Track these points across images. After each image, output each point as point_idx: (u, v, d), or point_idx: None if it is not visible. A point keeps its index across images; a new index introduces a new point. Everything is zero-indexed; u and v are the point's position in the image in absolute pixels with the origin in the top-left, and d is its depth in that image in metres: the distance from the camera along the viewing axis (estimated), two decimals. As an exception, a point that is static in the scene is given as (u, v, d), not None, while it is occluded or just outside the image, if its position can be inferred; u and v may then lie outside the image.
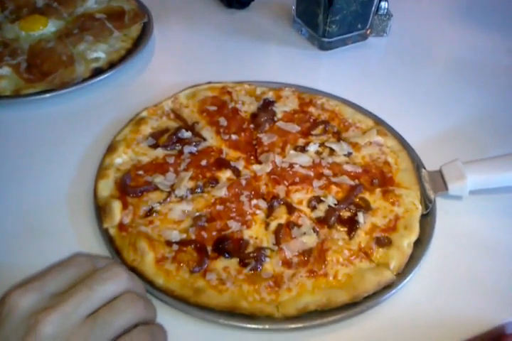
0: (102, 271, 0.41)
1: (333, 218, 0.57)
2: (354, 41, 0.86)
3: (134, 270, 0.51)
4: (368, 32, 0.85)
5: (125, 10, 0.86)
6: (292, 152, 0.65)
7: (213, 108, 0.71)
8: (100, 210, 0.57)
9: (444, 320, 0.51)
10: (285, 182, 0.61)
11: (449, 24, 0.94)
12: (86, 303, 0.38)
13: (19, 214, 0.59)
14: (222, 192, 0.59)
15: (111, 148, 0.64)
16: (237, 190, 0.60)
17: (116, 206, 0.57)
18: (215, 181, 0.61)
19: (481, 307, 0.52)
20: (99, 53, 0.77)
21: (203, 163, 0.63)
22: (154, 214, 0.57)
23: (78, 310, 0.38)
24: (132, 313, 0.40)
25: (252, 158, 0.65)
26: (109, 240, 0.55)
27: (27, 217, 0.58)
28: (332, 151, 0.65)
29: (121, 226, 0.55)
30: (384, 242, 0.54)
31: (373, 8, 0.81)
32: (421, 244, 0.55)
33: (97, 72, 0.75)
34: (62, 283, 0.40)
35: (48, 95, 0.72)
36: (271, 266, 0.53)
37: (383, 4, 0.83)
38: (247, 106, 0.72)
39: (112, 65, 0.77)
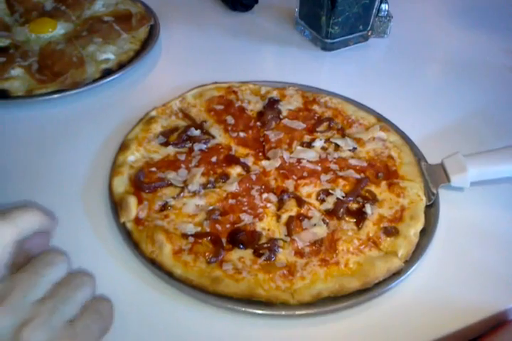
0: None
1: (341, 210, 0.59)
2: (356, 42, 0.89)
3: (153, 261, 0.54)
4: (369, 33, 0.88)
5: (132, 13, 0.89)
6: (299, 148, 0.68)
7: (220, 107, 0.74)
8: (116, 205, 0.59)
9: (450, 305, 0.53)
10: (294, 177, 0.64)
11: (448, 25, 0.97)
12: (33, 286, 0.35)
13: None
14: (233, 187, 0.62)
15: (123, 146, 0.66)
16: (247, 184, 0.62)
17: (132, 201, 0.59)
18: (225, 177, 0.64)
19: (485, 293, 0.55)
20: (109, 54, 0.79)
21: (213, 159, 0.65)
22: (169, 209, 0.59)
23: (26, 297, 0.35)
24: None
25: (260, 154, 0.68)
26: (127, 234, 0.57)
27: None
28: (337, 147, 0.68)
29: (137, 221, 0.57)
30: (391, 232, 0.57)
31: (374, 10, 0.84)
32: (426, 234, 0.58)
33: (107, 72, 0.77)
34: None
35: (59, 95, 0.73)
36: (284, 255, 0.55)
37: (384, 6, 0.86)
38: (253, 105, 0.74)
39: (121, 66, 0.79)
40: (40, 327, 0.33)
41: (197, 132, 0.69)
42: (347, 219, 0.59)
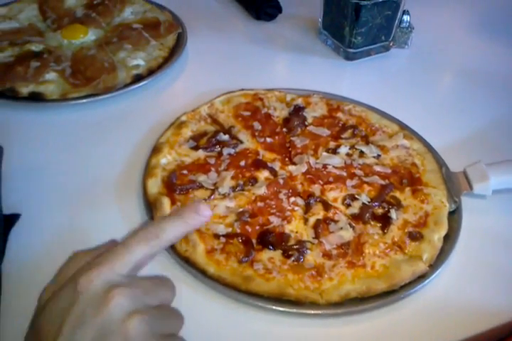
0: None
1: (367, 214, 0.61)
2: (377, 52, 0.91)
3: (186, 260, 0.56)
4: (391, 44, 0.91)
5: (160, 21, 0.92)
6: (325, 154, 0.70)
7: (247, 113, 0.76)
8: (151, 206, 0.61)
9: (472, 308, 0.55)
10: (320, 182, 0.66)
11: (468, 37, 1.00)
12: (152, 294, 0.41)
13: (70, 211, 0.63)
14: (261, 190, 0.64)
15: (156, 150, 0.68)
16: (275, 188, 0.65)
17: (166, 202, 0.61)
18: (254, 180, 0.66)
19: (506, 297, 0.56)
20: (139, 61, 0.82)
21: (242, 163, 0.68)
22: (201, 210, 0.61)
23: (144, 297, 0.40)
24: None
25: (286, 159, 0.70)
26: (161, 233, 0.59)
27: (78, 214, 0.62)
28: (362, 153, 0.70)
29: (170, 221, 0.60)
30: (416, 236, 0.59)
31: (396, 21, 0.87)
32: (449, 239, 0.59)
33: (138, 78, 0.80)
34: (128, 267, 0.41)
35: (92, 99, 0.76)
36: (312, 257, 0.57)
37: (406, 17, 0.88)
38: (279, 112, 0.77)
39: (150, 72, 0.82)
40: (147, 322, 0.37)
41: (225, 137, 0.71)
42: (372, 223, 0.61)
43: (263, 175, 0.67)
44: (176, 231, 0.44)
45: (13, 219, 0.59)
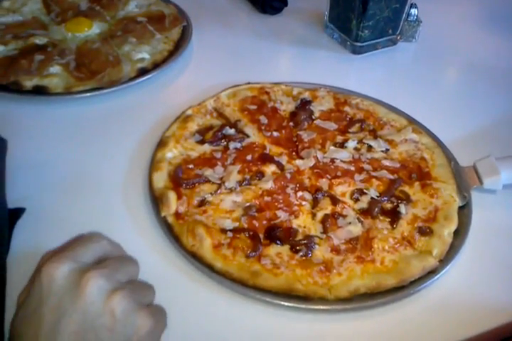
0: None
1: (376, 209, 0.60)
2: (384, 46, 0.90)
3: (193, 254, 0.55)
4: (398, 37, 0.90)
5: (165, 14, 0.91)
6: (332, 148, 0.69)
7: (253, 107, 0.75)
8: (156, 200, 0.61)
9: (483, 304, 0.54)
10: (328, 176, 0.65)
11: (477, 31, 0.98)
12: (120, 271, 0.42)
13: (75, 204, 0.62)
14: (268, 184, 0.63)
15: (161, 143, 0.67)
16: (282, 182, 0.64)
17: (172, 196, 0.60)
18: (261, 174, 0.65)
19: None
20: (144, 54, 0.81)
21: (248, 157, 0.67)
22: (207, 204, 0.60)
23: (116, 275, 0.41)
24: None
25: (293, 153, 0.69)
26: (167, 227, 0.58)
27: (82, 207, 0.62)
28: (370, 148, 0.69)
29: (177, 215, 0.59)
30: (426, 231, 0.58)
31: (404, 14, 0.86)
32: (459, 234, 0.59)
33: (142, 71, 0.79)
34: (90, 255, 0.42)
35: (97, 93, 0.75)
36: (320, 252, 0.56)
37: (413, 11, 0.87)
38: (286, 106, 0.76)
39: (155, 66, 0.81)
40: (128, 297, 0.39)
41: (231, 131, 0.70)
42: (381, 218, 0.60)
43: (270, 169, 0.66)
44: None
45: (17, 213, 0.59)
